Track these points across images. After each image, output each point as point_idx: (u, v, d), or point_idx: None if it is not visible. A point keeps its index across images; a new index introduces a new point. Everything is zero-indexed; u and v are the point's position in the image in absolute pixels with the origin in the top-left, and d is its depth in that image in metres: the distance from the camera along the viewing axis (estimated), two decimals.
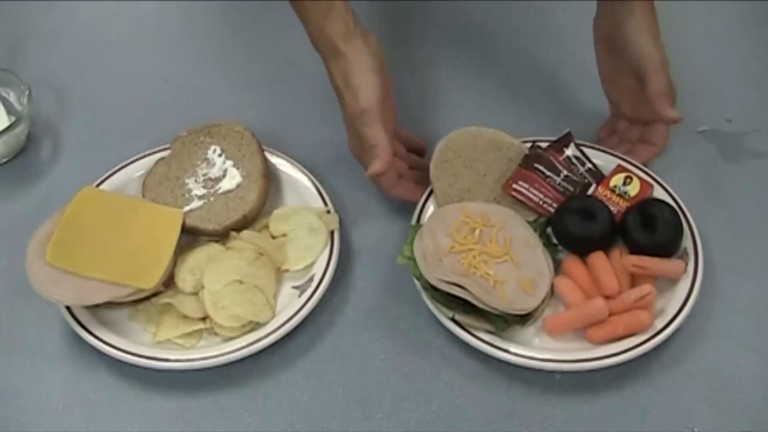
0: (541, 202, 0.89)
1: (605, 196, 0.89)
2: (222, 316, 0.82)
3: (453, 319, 0.81)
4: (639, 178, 0.90)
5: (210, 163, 0.93)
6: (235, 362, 0.80)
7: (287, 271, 0.87)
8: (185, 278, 0.85)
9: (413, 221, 0.89)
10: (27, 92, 0.99)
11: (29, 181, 0.99)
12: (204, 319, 0.83)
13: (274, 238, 0.89)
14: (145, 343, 0.82)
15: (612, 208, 0.87)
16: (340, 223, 0.89)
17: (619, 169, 0.91)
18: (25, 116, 0.99)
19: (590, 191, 0.90)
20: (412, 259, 0.83)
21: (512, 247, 0.84)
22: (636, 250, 0.84)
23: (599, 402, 0.79)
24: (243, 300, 0.82)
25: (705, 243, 0.89)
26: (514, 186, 0.90)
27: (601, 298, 0.81)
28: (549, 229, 0.88)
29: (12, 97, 1.03)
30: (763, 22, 1.14)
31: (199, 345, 0.83)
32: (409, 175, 0.93)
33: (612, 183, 0.90)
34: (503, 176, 0.91)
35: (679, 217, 0.85)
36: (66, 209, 0.86)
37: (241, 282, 0.83)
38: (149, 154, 0.95)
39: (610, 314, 0.81)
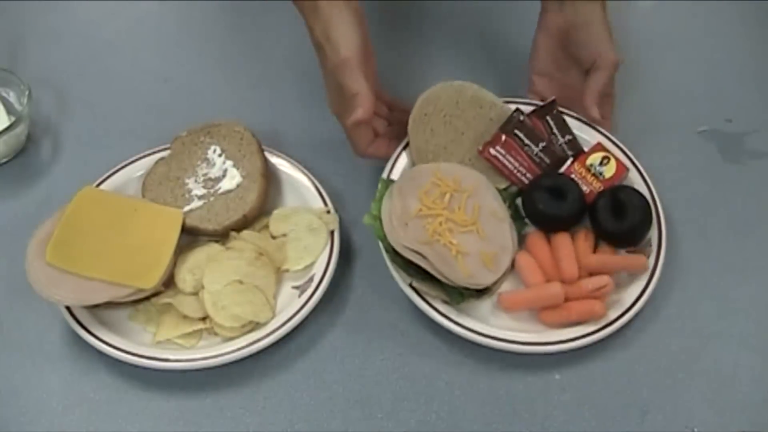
0: (515, 171, 0.90)
1: (580, 173, 0.89)
2: (222, 316, 0.82)
3: (411, 285, 0.82)
4: (616, 159, 0.90)
5: (210, 163, 0.93)
6: (235, 362, 0.80)
7: (287, 271, 0.87)
8: (185, 278, 0.85)
9: (384, 174, 0.89)
10: (27, 92, 0.99)
11: (29, 181, 0.99)
12: (204, 319, 0.83)
13: (274, 238, 0.89)
14: (145, 343, 0.82)
15: (585, 188, 0.88)
16: (340, 223, 0.89)
17: (598, 147, 0.91)
18: (25, 116, 0.99)
19: (566, 165, 0.90)
20: (379, 219, 0.83)
21: (479, 217, 0.84)
22: (602, 234, 0.86)
23: (599, 402, 0.79)
24: (243, 300, 0.82)
25: (706, 243, 0.90)
26: (491, 150, 0.90)
27: (559, 283, 0.82)
28: (518, 200, 0.89)
29: (12, 97, 1.03)
30: (763, 22, 1.14)
31: (199, 345, 0.83)
32: (386, 132, 0.92)
33: (589, 161, 0.90)
34: (482, 136, 0.91)
35: (649, 208, 0.86)
36: (66, 209, 0.86)
37: (241, 282, 0.83)
38: (149, 154, 0.95)
39: (566, 299, 0.81)
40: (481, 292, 0.82)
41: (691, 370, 0.81)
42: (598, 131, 0.93)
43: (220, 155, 0.93)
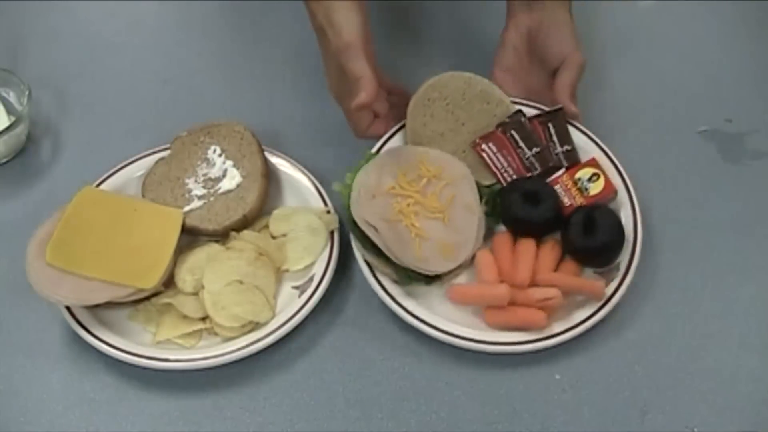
0: (502, 170, 0.90)
1: (566, 185, 0.88)
2: (222, 316, 0.82)
3: (365, 259, 0.83)
4: (607, 179, 0.87)
5: (210, 163, 0.93)
6: (235, 362, 0.80)
7: (287, 271, 0.87)
8: (185, 278, 0.85)
9: (374, 149, 0.90)
10: (27, 92, 0.99)
11: (29, 181, 0.99)
12: (204, 319, 0.83)
13: (274, 238, 0.89)
14: (145, 343, 0.82)
15: (566, 200, 0.87)
16: (340, 223, 0.89)
17: (592, 162, 0.89)
18: (25, 116, 0.99)
19: (556, 174, 0.89)
20: (349, 188, 0.84)
21: (451, 207, 0.84)
22: (568, 248, 0.84)
23: (599, 402, 0.79)
24: (243, 300, 0.82)
25: (706, 243, 0.89)
26: (483, 146, 0.90)
27: (506, 285, 0.81)
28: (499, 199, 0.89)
29: (12, 97, 1.03)
30: (763, 22, 1.14)
31: (199, 345, 0.83)
32: (387, 115, 0.92)
33: (578, 175, 0.88)
34: (482, 130, 0.91)
35: (622, 232, 0.84)
36: (66, 209, 0.86)
37: (241, 282, 0.83)
38: (149, 154, 0.95)
39: (513, 304, 0.81)
40: (431, 279, 0.83)
41: (691, 370, 0.81)
42: (603, 150, 0.91)
43: (220, 155, 0.93)
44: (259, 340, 0.81)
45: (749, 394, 0.79)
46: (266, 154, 0.93)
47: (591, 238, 0.83)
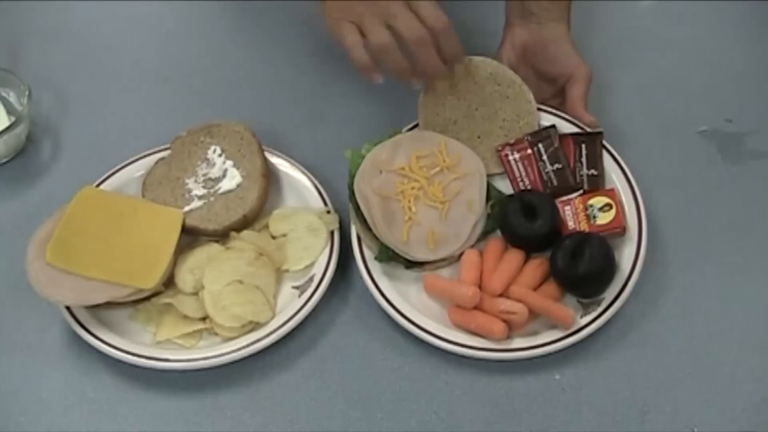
0: (518, 179, 0.90)
1: (576, 208, 0.86)
2: (222, 316, 0.82)
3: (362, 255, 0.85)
4: (620, 213, 0.84)
5: (210, 163, 0.93)
6: (235, 362, 0.80)
7: (287, 271, 0.87)
8: (185, 278, 0.85)
9: (405, 129, 0.91)
10: (27, 92, 0.99)
11: (29, 181, 0.99)
12: (204, 319, 0.83)
13: (274, 238, 0.89)
14: (145, 343, 0.82)
15: (571, 223, 0.85)
16: (340, 223, 0.89)
17: (610, 192, 0.87)
18: (25, 116, 0.99)
19: (572, 195, 0.87)
20: (360, 157, 0.86)
21: (453, 201, 0.85)
22: (552, 271, 0.83)
23: (599, 402, 0.79)
24: (243, 300, 0.82)
25: (706, 243, 0.89)
26: (506, 152, 0.91)
27: (476, 288, 0.81)
28: None
29: (12, 97, 1.03)
30: (763, 22, 1.14)
31: (199, 345, 0.83)
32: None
33: (591, 201, 0.86)
34: (496, 113, 0.92)
35: (608, 270, 0.81)
36: (66, 209, 0.86)
37: (241, 282, 0.83)
38: (149, 154, 0.95)
39: (477, 307, 0.81)
40: (411, 264, 0.84)
41: (691, 370, 0.81)
42: (633, 189, 0.88)
43: (220, 155, 0.93)
44: (259, 340, 0.81)
45: (749, 394, 0.79)
46: (266, 154, 0.94)
47: (573, 266, 0.80)
